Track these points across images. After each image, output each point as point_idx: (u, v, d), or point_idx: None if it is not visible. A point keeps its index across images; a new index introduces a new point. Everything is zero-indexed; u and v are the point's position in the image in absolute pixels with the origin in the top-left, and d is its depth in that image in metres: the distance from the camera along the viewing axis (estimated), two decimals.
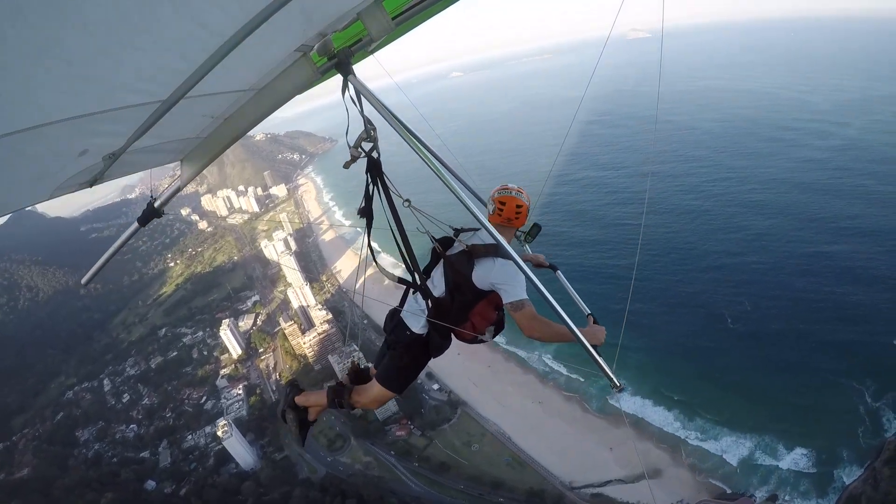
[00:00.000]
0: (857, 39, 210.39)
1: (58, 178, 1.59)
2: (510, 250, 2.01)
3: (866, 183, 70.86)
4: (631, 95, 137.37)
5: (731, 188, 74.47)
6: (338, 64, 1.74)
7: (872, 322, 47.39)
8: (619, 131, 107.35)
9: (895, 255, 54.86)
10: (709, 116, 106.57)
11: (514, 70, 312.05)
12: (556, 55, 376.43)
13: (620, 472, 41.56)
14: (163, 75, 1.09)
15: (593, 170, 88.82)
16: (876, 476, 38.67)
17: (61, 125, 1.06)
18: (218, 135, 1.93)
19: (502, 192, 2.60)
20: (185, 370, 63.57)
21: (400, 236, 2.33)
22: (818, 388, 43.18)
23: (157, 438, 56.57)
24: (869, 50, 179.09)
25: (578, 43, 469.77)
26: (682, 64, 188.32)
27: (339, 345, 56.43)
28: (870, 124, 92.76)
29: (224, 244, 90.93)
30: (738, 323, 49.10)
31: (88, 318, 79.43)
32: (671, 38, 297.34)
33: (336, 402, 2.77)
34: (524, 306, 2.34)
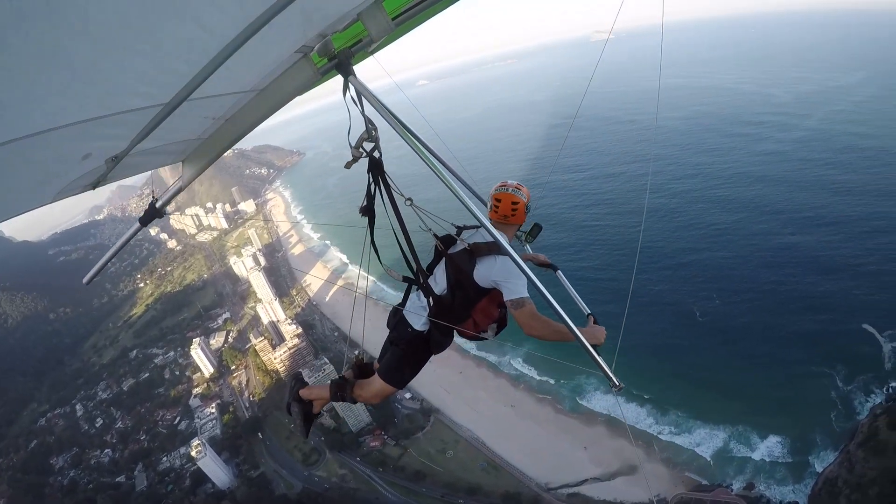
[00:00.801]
0: (818, 32, 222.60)
1: (61, 182, 1.66)
2: (509, 248, 2.07)
3: (829, 173, 73.25)
4: (595, 97, 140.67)
5: (696, 185, 76.16)
6: (338, 65, 1.81)
7: (840, 309, 48.88)
8: (584, 133, 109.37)
9: (859, 242, 56.67)
10: (672, 115, 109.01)
11: (478, 76, 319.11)
12: (520, 60, 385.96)
13: (596, 470, 42.57)
14: (165, 79, 1.13)
15: (559, 173, 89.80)
16: (851, 459, 39.80)
17: (65, 130, 1.10)
18: (219, 135, 2.01)
19: (499, 190, 2.69)
20: (157, 391, 64.10)
21: (402, 234, 2.41)
22: (789, 376, 44.26)
23: (133, 462, 57.17)
24: (829, 41, 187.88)
25: (542, 47, 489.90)
26: (646, 63, 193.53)
27: (311, 358, 57.01)
28: (830, 115, 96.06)
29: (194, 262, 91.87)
30: (708, 317, 50.30)
31: (59, 343, 79.72)
32: (636, 39, 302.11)
33: (339, 395, 2.85)
34: (525, 304, 2.40)
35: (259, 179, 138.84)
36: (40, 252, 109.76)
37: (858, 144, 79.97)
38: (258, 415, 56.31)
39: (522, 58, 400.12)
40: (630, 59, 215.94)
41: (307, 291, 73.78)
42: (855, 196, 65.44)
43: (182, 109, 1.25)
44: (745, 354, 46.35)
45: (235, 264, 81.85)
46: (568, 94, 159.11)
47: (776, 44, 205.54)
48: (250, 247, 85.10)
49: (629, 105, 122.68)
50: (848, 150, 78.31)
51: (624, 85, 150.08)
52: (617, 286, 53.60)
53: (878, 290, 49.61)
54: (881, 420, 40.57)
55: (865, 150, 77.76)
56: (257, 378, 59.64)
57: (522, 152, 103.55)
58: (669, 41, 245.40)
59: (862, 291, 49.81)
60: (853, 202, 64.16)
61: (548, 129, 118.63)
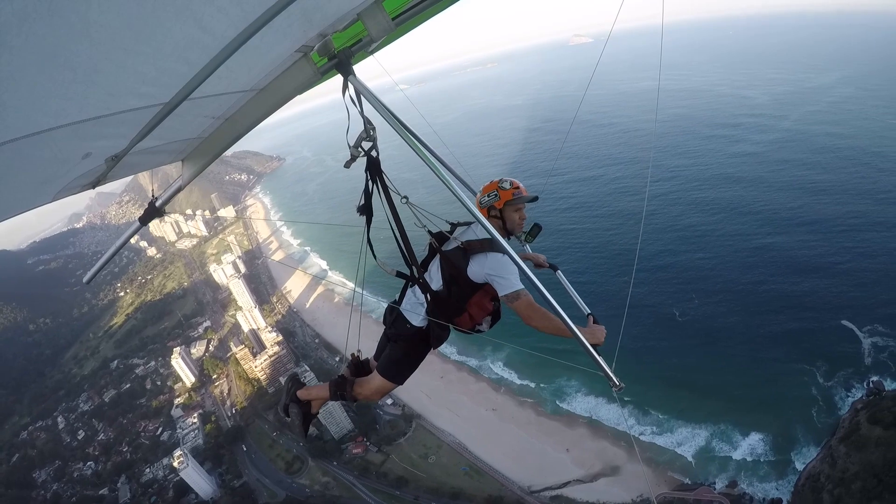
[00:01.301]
0: (794, 34, 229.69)
1: (61, 181, 1.68)
2: (502, 241, 2.09)
3: (805, 173, 74.71)
4: (573, 100, 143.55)
5: (673, 188, 77.02)
6: (338, 64, 1.85)
7: (819, 307, 49.69)
8: (562, 137, 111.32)
9: (836, 242, 57.75)
10: (650, 117, 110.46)
11: (458, 80, 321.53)
12: (500, 63, 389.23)
13: (578, 472, 43.13)
14: (165, 79, 1.15)
15: (537, 177, 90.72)
16: (833, 454, 40.44)
17: (66, 129, 1.12)
18: (219, 135, 2.04)
19: (487, 184, 2.81)
20: (139, 402, 64.37)
21: (398, 232, 2.47)
22: (770, 373, 44.86)
23: (116, 474, 57.58)
24: (805, 43, 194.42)
25: (522, 50, 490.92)
26: (625, 66, 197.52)
27: (291, 366, 57.28)
28: (806, 115, 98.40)
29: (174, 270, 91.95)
30: (687, 317, 50.86)
31: (39, 355, 79.76)
32: (613, 42, 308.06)
33: (338, 394, 2.89)
34: (520, 296, 2.44)
35: (239, 185, 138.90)
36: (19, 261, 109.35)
37: (834, 145, 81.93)
38: (240, 424, 56.68)
39: (502, 61, 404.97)
40: (607, 61, 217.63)
41: (287, 298, 74.09)
42: (831, 196, 66.95)
43: (182, 109, 1.28)
44: (725, 353, 46.93)
45: (215, 272, 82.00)
46: (547, 97, 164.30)
47: (751, 46, 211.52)
48: (230, 254, 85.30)
49: (607, 108, 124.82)
50: (824, 151, 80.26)
51: (602, 88, 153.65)
52: (595, 289, 54.17)
53: (856, 288, 50.54)
54: (862, 415, 41.18)
55: (841, 150, 79.64)
56: (239, 386, 59.95)
57: (501, 156, 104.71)
58: (644, 45, 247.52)
59: (840, 289, 50.72)
60: (829, 202, 65.62)
61: (526, 134, 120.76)
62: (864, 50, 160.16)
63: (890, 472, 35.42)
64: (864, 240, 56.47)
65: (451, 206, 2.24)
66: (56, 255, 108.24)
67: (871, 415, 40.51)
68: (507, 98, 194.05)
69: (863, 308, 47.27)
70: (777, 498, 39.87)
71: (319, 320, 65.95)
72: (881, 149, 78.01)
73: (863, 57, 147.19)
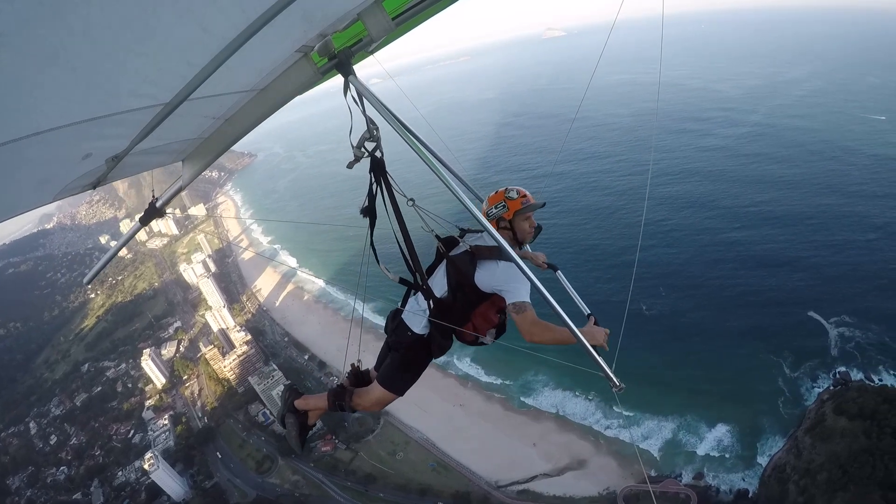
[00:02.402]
0: (766, 28, 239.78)
1: (62, 181, 1.74)
2: (511, 251, 2.13)
3: (773, 168, 76.90)
4: (544, 93, 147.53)
5: (642, 182, 78.83)
6: (338, 64, 1.90)
7: (786, 300, 51.53)
8: (533, 132, 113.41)
9: (802, 236, 59.81)
10: (620, 111, 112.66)
11: (430, 74, 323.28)
12: (473, 57, 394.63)
13: (545, 466, 44.87)
14: (166, 79, 1.20)
15: (507, 173, 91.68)
16: (798, 445, 42.06)
17: (66, 130, 1.16)
18: (219, 135, 2.11)
19: (491, 195, 2.82)
20: (110, 405, 66.00)
21: (402, 236, 2.48)
22: (736, 365, 46.52)
23: (89, 478, 59.28)
24: (777, 37, 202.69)
25: (496, 44, 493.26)
26: (596, 60, 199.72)
27: (260, 365, 58.78)
28: (775, 109, 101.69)
29: (144, 270, 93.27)
30: (654, 311, 51.98)
31: (11, 360, 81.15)
32: (586, 36, 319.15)
33: (337, 405, 2.91)
34: (526, 309, 2.46)
35: (209, 183, 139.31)
36: None
37: (803, 139, 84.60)
38: (210, 424, 58.36)
39: (476, 55, 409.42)
40: (580, 55, 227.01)
41: (258, 297, 75.57)
42: (798, 190, 69.28)
43: (182, 109, 1.35)
44: (691, 347, 48.62)
45: (185, 271, 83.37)
46: (518, 91, 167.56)
47: (723, 40, 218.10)
48: (200, 253, 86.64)
49: (577, 103, 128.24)
50: (792, 145, 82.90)
51: (575, 83, 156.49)
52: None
53: (823, 281, 52.75)
54: (828, 406, 42.72)
55: (809, 145, 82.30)
56: (209, 387, 61.58)
57: (471, 152, 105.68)
58: (616, 38, 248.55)
59: (807, 282, 52.76)
60: (796, 197, 67.86)
61: (497, 128, 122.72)
62: (833, 44, 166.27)
63: (855, 462, 36.76)
64: (832, 234, 58.51)
65: (455, 209, 2.27)
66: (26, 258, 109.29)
67: (837, 406, 42.00)
68: (479, 92, 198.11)
69: (830, 300, 48.98)
70: (744, 489, 41.42)
71: (289, 319, 67.63)
72: (849, 143, 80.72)
73: (833, 51, 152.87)
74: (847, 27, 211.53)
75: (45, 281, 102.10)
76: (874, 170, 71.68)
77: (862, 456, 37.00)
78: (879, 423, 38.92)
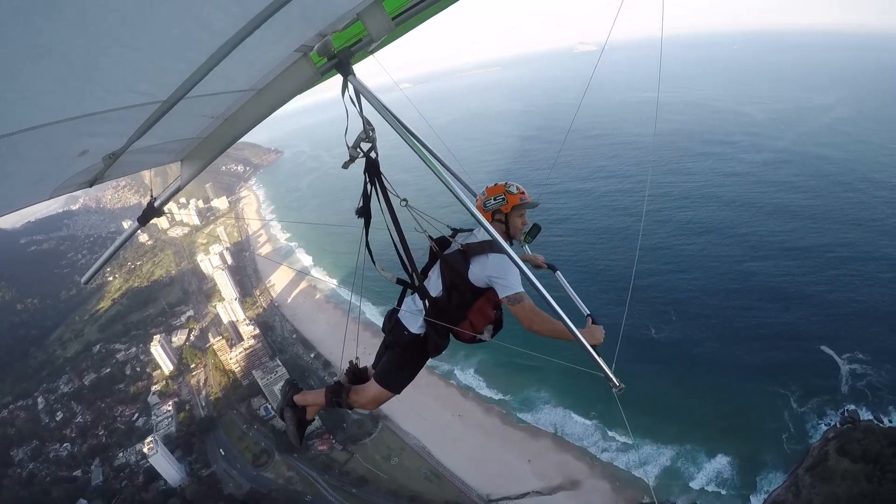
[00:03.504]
0: (796, 52, 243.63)
1: (58, 178, 1.81)
2: (503, 243, 2.24)
3: (795, 197, 77.97)
4: (571, 108, 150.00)
5: (663, 205, 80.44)
6: (338, 64, 1.99)
7: (799, 333, 52.25)
8: (556, 146, 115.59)
9: (820, 269, 60.88)
10: (644, 131, 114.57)
11: (460, 82, 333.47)
12: (504, 68, 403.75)
13: (538, 483, 46.26)
14: (163, 76, 1.25)
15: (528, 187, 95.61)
16: (798, 483, 42.56)
17: (62, 125, 1.21)
18: (218, 135, 2.20)
19: (490, 186, 2.93)
20: (118, 387, 69.94)
21: (397, 236, 2.60)
22: (742, 396, 47.37)
23: (90, 456, 62.74)
24: (807, 62, 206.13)
25: (527, 56, 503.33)
26: (624, 77, 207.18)
27: (266, 360, 62.14)
28: (801, 136, 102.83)
29: (163, 258, 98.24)
30: (663, 334, 53.41)
31: (26, 335, 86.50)
32: (615, 52, 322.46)
33: (334, 401, 3.05)
34: (521, 299, 2.57)
35: (234, 176, 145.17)
36: (12, 240, 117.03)
37: (828, 169, 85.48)
38: (213, 414, 61.56)
39: (506, 66, 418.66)
40: (607, 71, 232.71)
41: (270, 292, 79.09)
42: (819, 222, 70.27)
43: (180, 107, 1.42)
44: (698, 374, 49.51)
45: (202, 262, 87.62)
46: (545, 104, 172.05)
47: (753, 62, 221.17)
48: (218, 245, 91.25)
49: (603, 119, 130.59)
50: (817, 175, 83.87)
51: (597, 97, 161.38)
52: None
53: (839, 317, 53.11)
54: (832, 445, 43.23)
55: (834, 175, 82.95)
56: (215, 377, 65.02)
57: (493, 163, 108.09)
58: (643, 56, 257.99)
59: (821, 317, 53.39)
60: (817, 229, 68.91)
61: (521, 141, 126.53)
62: (864, 71, 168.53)
63: None
64: (851, 269, 59.14)
65: (449, 210, 2.39)
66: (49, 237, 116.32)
67: (841, 446, 42.46)
68: (505, 102, 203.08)
69: (844, 336, 49.52)
70: None
71: (299, 316, 70.74)
72: (876, 174, 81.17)
73: (862, 78, 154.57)
74: (879, 53, 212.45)
75: (65, 260, 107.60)
76: None
77: (861, 500, 37.13)
78: (883, 467, 38.85)
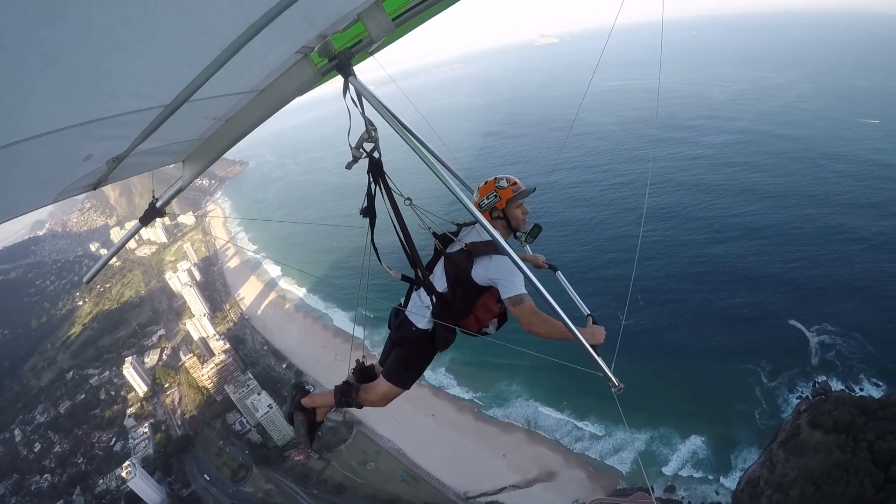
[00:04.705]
0: (758, 33, 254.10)
1: (62, 183, 1.89)
2: (505, 244, 2.34)
3: (756, 177, 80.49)
4: (533, 100, 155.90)
5: (629, 193, 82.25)
6: (338, 65, 2.08)
7: (765, 309, 53.89)
8: (518, 141, 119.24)
9: (785, 247, 63.08)
10: (607, 119, 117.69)
11: (423, 80, 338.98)
12: (467, 64, 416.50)
13: (514, 477, 47.78)
14: (167, 80, 1.31)
15: None
16: (773, 458, 43.97)
17: (67, 132, 1.26)
18: (220, 136, 2.30)
19: (481, 185, 3.09)
20: (93, 412, 71.21)
21: (402, 234, 2.73)
22: (713, 375, 48.75)
23: (71, 486, 64.12)
24: (766, 41, 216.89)
25: (490, 50, 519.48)
26: (588, 66, 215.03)
27: (238, 374, 63.36)
28: (760, 116, 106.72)
29: (132, 278, 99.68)
30: (632, 319, 54.57)
31: None
32: (579, 42, 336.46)
33: (344, 401, 3.21)
34: (523, 301, 2.69)
35: (200, 191, 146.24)
36: None
37: (787, 146, 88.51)
38: (189, 433, 62.99)
39: (469, 62, 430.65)
40: (572, 60, 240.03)
41: (240, 305, 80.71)
42: (778, 200, 72.93)
43: (183, 110, 1.48)
44: (668, 357, 50.80)
45: (171, 279, 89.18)
46: (507, 98, 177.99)
47: (713, 46, 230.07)
48: (186, 261, 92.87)
49: (568, 109, 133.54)
50: (777, 153, 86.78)
51: (564, 89, 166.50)
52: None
53: (805, 292, 55.28)
54: (803, 418, 44.55)
55: (794, 152, 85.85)
56: (189, 395, 66.39)
57: (455, 162, 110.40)
58: (609, 44, 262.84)
59: (788, 293, 55.29)
60: (777, 207, 71.53)
61: (482, 138, 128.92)
62: (823, 48, 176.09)
63: (828, 478, 38.26)
64: (815, 245, 61.33)
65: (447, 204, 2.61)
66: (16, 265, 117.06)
67: (812, 418, 43.76)
68: (469, 98, 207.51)
69: (811, 309, 51.14)
70: (717, 502, 43.70)
71: (270, 327, 72.39)
72: (839, 149, 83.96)
73: (821, 55, 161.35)
74: (836, 31, 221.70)
75: (34, 288, 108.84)
76: (862, 177, 74.36)
77: (835, 471, 38.38)
78: (855, 436, 40.21)
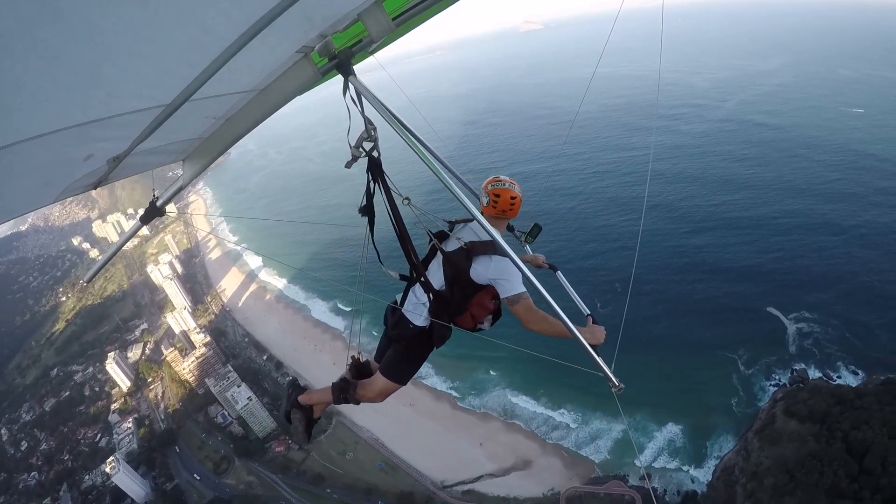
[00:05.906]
0: (741, 21, 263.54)
1: (63, 182, 1.96)
2: (504, 245, 2.45)
3: (737, 167, 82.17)
4: (515, 88, 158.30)
5: (608, 183, 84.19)
6: (338, 65, 2.15)
7: (744, 299, 55.44)
8: (499, 129, 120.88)
9: (765, 238, 64.76)
10: (586, 108, 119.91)
11: (405, 68, 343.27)
12: (450, 51, 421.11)
13: (491, 466, 49.76)
14: (167, 80, 1.36)
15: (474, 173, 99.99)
16: (748, 447, 45.48)
17: (69, 132, 1.31)
18: (220, 135, 2.37)
19: (496, 185, 3.18)
20: (78, 409, 73.59)
21: (400, 233, 2.83)
22: (690, 362, 50.13)
23: (58, 483, 66.48)
24: (750, 29, 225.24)
25: (472, 37, 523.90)
26: (572, 52, 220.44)
27: (219, 366, 65.46)
28: (742, 104, 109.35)
29: (115, 272, 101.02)
30: (609, 307, 55.74)
31: None
32: (563, 28, 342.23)
33: (342, 397, 3.34)
34: (521, 300, 2.84)
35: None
36: None
37: (769, 136, 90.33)
38: (172, 427, 65.34)
39: (452, 49, 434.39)
40: (556, 47, 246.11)
41: (221, 297, 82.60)
42: (759, 191, 74.55)
43: (183, 110, 1.52)
44: (647, 346, 52.07)
45: (153, 273, 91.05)
46: (491, 85, 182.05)
47: (697, 35, 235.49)
48: (168, 254, 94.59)
49: (550, 97, 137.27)
50: (759, 143, 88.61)
51: (547, 77, 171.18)
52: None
53: (785, 283, 56.53)
54: (779, 406, 45.98)
55: (775, 142, 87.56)
56: (172, 389, 68.67)
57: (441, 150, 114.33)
58: (593, 31, 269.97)
59: (768, 284, 56.71)
60: (757, 198, 73.24)
61: (464, 127, 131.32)
62: (807, 37, 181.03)
63: (802, 468, 39.58)
64: (795, 235, 62.98)
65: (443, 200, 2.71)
66: None
67: (787, 407, 45.13)
68: (452, 86, 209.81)
69: (790, 297, 52.55)
70: (692, 491, 44.95)
71: (250, 319, 74.42)
72: (817, 138, 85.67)
73: (805, 43, 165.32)
74: (819, 20, 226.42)
75: (17, 285, 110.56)
76: (843, 167, 75.77)
77: (810, 461, 39.66)
78: (830, 426, 41.45)
